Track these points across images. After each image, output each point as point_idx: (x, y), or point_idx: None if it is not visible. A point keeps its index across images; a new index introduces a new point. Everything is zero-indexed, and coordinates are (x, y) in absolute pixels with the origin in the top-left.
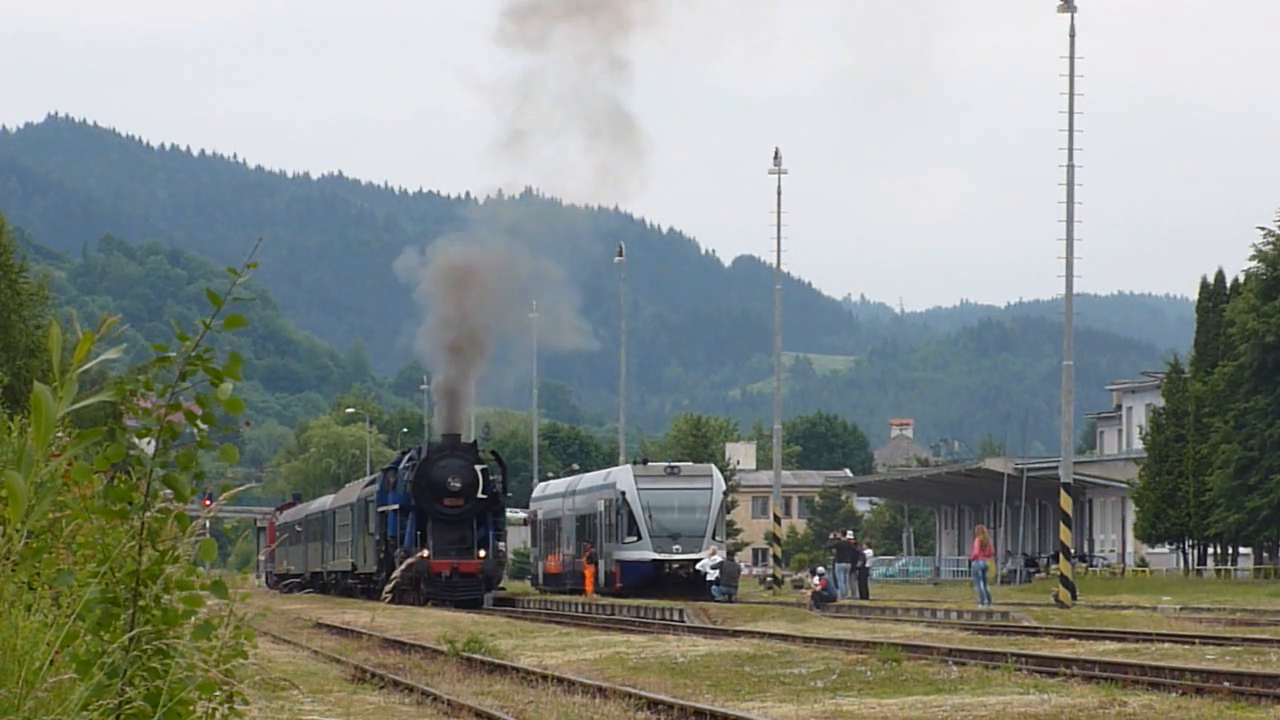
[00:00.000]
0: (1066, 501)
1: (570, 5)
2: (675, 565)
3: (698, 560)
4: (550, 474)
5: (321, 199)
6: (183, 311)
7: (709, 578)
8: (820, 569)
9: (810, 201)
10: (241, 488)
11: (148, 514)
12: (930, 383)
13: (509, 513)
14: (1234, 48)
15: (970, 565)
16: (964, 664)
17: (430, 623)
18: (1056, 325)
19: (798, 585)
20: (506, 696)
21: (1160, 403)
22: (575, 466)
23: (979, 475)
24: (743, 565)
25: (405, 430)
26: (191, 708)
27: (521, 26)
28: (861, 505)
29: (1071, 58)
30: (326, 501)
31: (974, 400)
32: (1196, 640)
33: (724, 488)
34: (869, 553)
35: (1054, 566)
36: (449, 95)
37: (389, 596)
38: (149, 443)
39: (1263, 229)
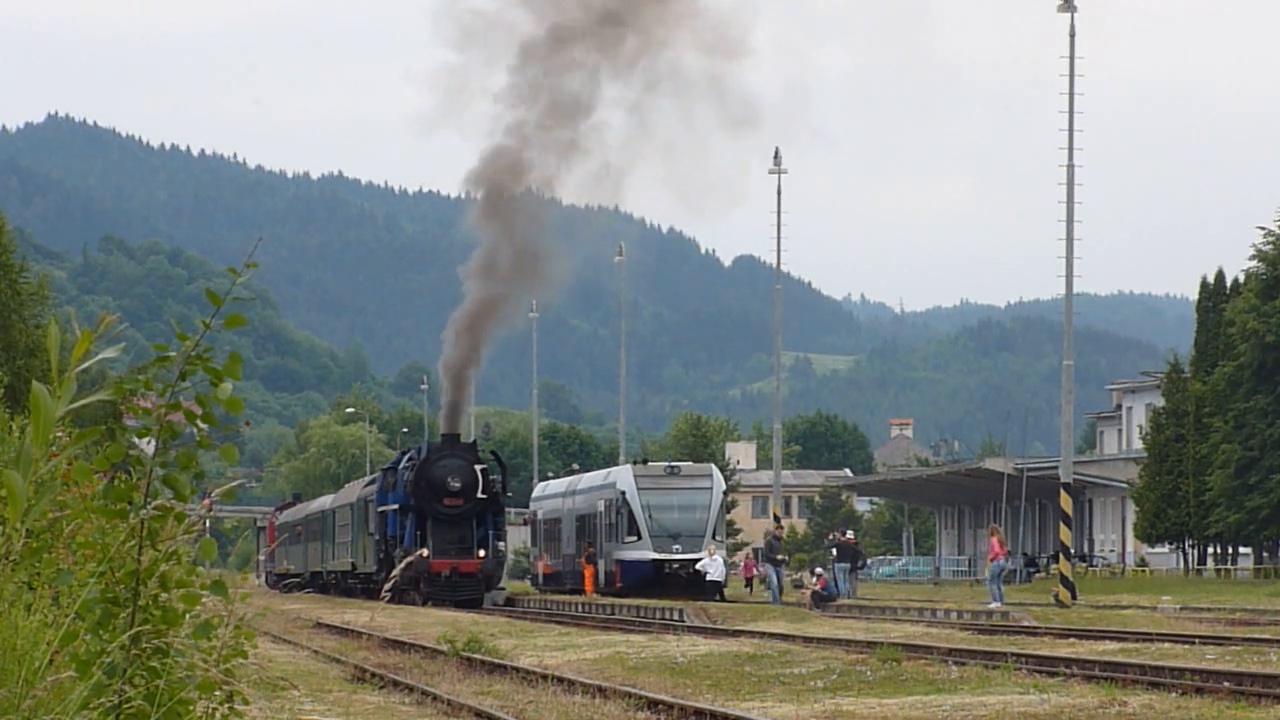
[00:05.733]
0: (1066, 501)
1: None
2: (675, 565)
3: (698, 560)
4: (550, 474)
5: (321, 199)
6: (183, 311)
7: (709, 576)
8: (819, 569)
9: (810, 201)
10: (235, 483)
11: (144, 512)
12: (930, 383)
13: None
14: (1234, 48)
15: (991, 565)
16: (964, 664)
17: (430, 623)
18: (1056, 325)
19: (797, 585)
20: (506, 696)
21: (1160, 403)
22: (575, 466)
23: (979, 475)
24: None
25: (405, 430)
26: (191, 707)
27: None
28: (861, 505)
29: (1071, 58)
30: (326, 501)
31: (974, 400)
32: (1196, 640)
33: (724, 487)
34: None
35: (1054, 566)
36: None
37: (388, 595)
38: (149, 442)
39: (1263, 229)
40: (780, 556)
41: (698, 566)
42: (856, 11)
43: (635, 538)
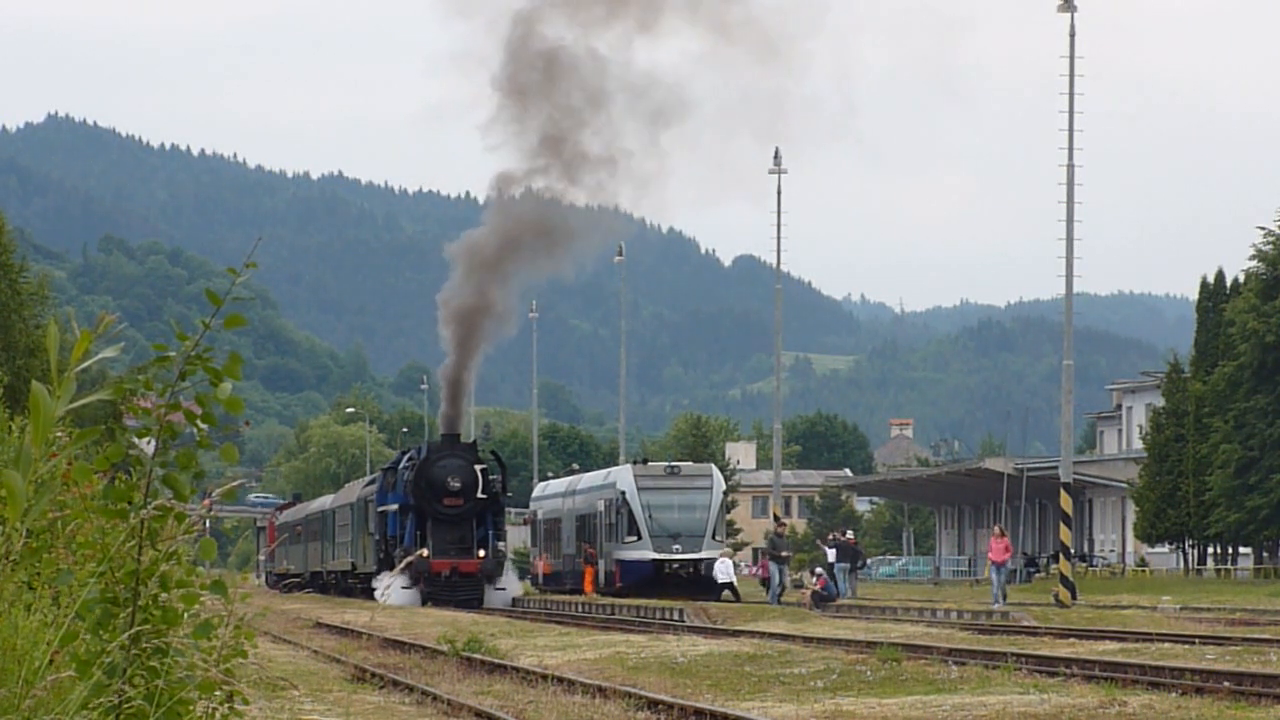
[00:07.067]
0: (1066, 501)
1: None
2: (675, 565)
3: (698, 560)
4: (550, 474)
5: (321, 199)
6: (183, 311)
7: (720, 580)
8: (819, 569)
9: (810, 202)
10: (236, 483)
11: (144, 512)
12: (930, 383)
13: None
14: (1235, 48)
15: (1000, 568)
16: (964, 664)
17: (430, 623)
18: (1056, 325)
19: (797, 585)
20: (506, 696)
21: (1160, 403)
22: (575, 466)
23: (979, 475)
24: (743, 565)
25: (405, 430)
26: (191, 707)
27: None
28: (861, 505)
29: (1071, 58)
30: (326, 501)
31: (974, 400)
32: (1196, 640)
33: (724, 487)
34: (831, 553)
35: (1054, 566)
36: (443, 99)
37: (387, 596)
38: (149, 442)
39: (1263, 229)
40: (785, 554)
41: (716, 571)
42: (875, 17)
43: (635, 538)
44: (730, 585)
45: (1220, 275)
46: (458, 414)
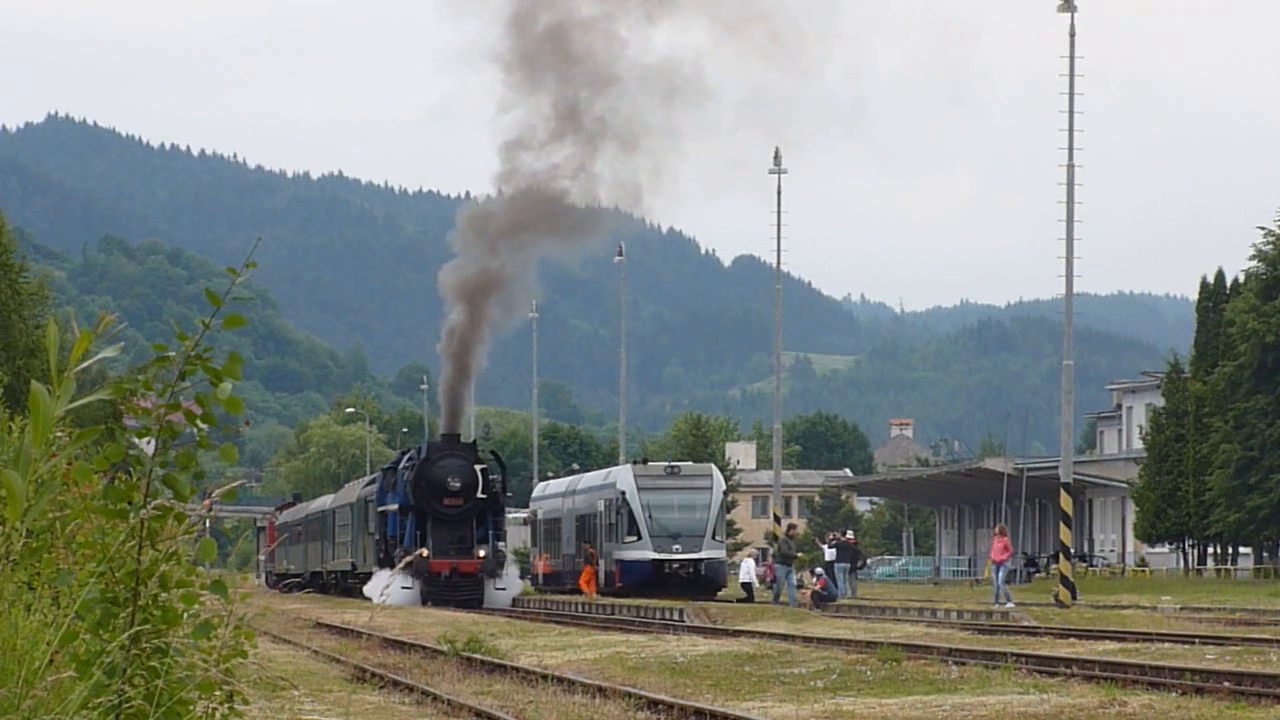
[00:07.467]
0: (1066, 501)
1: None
2: (675, 565)
3: (698, 560)
4: (550, 474)
5: (321, 199)
6: (183, 311)
7: (743, 579)
8: (819, 569)
9: (810, 201)
10: (235, 484)
11: (144, 512)
12: (930, 383)
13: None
14: (1235, 48)
15: (999, 567)
16: (964, 664)
17: (430, 623)
18: (1056, 325)
19: (797, 585)
20: (506, 696)
21: (1160, 403)
22: (575, 466)
23: (979, 475)
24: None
25: (405, 430)
26: (191, 707)
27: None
28: (861, 505)
29: (1071, 58)
30: (326, 501)
31: (974, 400)
32: (1196, 640)
33: (724, 487)
34: (831, 553)
35: (1054, 566)
36: (450, 94)
37: (385, 598)
38: (149, 442)
39: (1263, 229)
40: (796, 554)
41: (742, 580)
42: (886, 19)
43: (635, 538)
44: (749, 585)
45: (1220, 275)
46: (463, 379)
